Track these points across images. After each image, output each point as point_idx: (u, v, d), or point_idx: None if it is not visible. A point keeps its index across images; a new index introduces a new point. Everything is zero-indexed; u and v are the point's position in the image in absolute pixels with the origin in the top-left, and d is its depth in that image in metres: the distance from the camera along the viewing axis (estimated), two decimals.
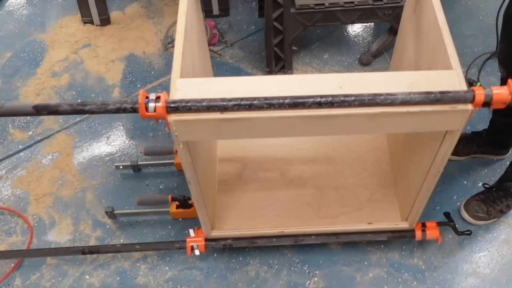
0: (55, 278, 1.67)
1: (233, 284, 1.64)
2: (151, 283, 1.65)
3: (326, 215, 1.61)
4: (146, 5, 2.46)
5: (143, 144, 1.98)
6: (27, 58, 2.28)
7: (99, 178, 1.90)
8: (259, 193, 1.67)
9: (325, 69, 2.21)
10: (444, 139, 1.15)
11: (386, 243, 1.70)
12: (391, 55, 1.90)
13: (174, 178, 1.89)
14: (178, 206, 1.66)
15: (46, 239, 1.76)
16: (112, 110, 1.08)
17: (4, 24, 2.43)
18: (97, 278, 1.67)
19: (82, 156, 1.96)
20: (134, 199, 1.76)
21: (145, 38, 2.32)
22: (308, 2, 1.92)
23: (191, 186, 1.28)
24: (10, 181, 1.91)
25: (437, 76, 1.09)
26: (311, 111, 1.04)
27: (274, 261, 1.69)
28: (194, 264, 1.69)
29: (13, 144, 2.01)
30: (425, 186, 1.33)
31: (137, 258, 1.71)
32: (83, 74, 2.21)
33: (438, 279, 1.64)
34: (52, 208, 1.83)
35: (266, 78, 1.20)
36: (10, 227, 1.80)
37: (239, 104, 1.03)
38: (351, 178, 1.70)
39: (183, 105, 1.03)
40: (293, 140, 1.77)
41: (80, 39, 2.33)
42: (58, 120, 2.07)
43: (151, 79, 2.19)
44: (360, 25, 2.37)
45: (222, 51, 2.27)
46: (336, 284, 1.63)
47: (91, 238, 1.76)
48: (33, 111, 1.08)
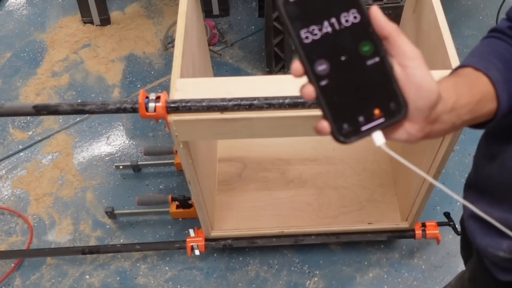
0: (55, 278, 1.67)
1: (233, 284, 1.64)
2: (151, 283, 1.65)
3: (326, 215, 1.61)
4: (146, 5, 2.45)
5: (143, 144, 1.98)
6: (27, 58, 2.28)
7: (99, 178, 1.90)
8: (259, 193, 1.67)
9: None
10: (444, 139, 1.15)
11: (386, 243, 1.70)
12: None
13: (174, 178, 1.89)
14: (178, 206, 1.66)
15: (46, 239, 1.76)
16: (112, 110, 1.08)
17: (4, 24, 2.43)
18: (97, 278, 1.67)
19: (82, 156, 1.96)
20: (134, 199, 1.76)
21: (145, 38, 2.32)
22: None
23: (191, 186, 1.28)
24: (10, 181, 1.91)
25: (437, 76, 1.08)
26: (311, 111, 1.04)
27: (274, 261, 1.69)
28: (194, 264, 1.69)
29: (13, 144, 2.01)
30: (425, 186, 1.33)
31: (137, 258, 1.71)
32: (83, 74, 2.21)
33: (438, 279, 1.63)
34: (52, 208, 1.83)
35: (266, 78, 1.20)
36: (10, 227, 1.80)
37: (239, 104, 1.03)
38: (351, 178, 1.69)
39: (183, 105, 1.03)
40: (293, 140, 1.77)
41: (80, 39, 2.33)
42: (58, 120, 2.07)
43: (151, 79, 2.19)
44: None
45: (222, 51, 2.27)
46: (336, 284, 1.63)
47: (91, 238, 1.76)
48: (33, 111, 1.08)
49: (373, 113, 0.50)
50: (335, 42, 0.49)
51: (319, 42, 0.48)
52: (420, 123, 0.52)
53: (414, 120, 0.52)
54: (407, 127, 0.52)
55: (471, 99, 0.58)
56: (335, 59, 0.49)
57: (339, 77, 0.49)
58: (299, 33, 0.48)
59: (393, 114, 0.50)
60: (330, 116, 0.49)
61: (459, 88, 0.58)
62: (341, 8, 0.49)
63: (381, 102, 0.50)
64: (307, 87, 0.49)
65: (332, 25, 0.48)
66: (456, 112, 0.56)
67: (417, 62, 0.50)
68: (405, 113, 0.50)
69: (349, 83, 0.49)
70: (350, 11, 0.49)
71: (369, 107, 0.50)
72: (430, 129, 0.54)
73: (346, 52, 0.49)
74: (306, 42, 0.48)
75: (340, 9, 0.49)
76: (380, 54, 0.49)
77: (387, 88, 0.49)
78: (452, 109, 0.55)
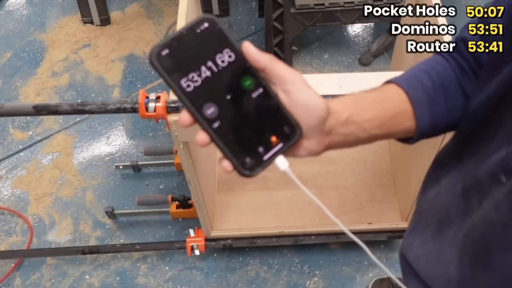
0: (55, 278, 1.67)
1: (233, 284, 1.64)
2: (151, 283, 1.65)
3: (326, 215, 1.61)
4: (146, 5, 2.46)
5: (143, 144, 1.98)
6: (27, 58, 2.28)
7: (99, 178, 1.90)
8: (259, 193, 1.67)
9: (325, 69, 2.21)
10: (444, 138, 1.15)
11: (386, 243, 1.70)
12: (391, 55, 1.90)
13: (174, 178, 1.89)
14: (178, 206, 1.66)
15: (46, 239, 1.76)
16: (112, 110, 1.08)
17: (4, 24, 2.43)
18: (97, 278, 1.67)
19: (82, 156, 1.96)
20: (134, 199, 1.76)
21: (145, 38, 2.32)
22: (308, 2, 1.92)
23: (191, 186, 1.28)
24: (10, 181, 1.91)
25: None
26: None
27: (274, 261, 1.69)
28: (194, 264, 1.69)
29: (13, 144, 2.01)
30: None
31: (137, 258, 1.71)
32: (83, 74, 2.21)
33: None
34: (52, 208, 1.83)
35: None
36: (10, 227, 1.80)
37: None
38: (351, 178, 1.70)
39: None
40: None
41: (80, 39, 2.33)
42: (58, 120, 2.07)
43: (151, 79, 2.19)
44: (360, 25, 2.37)
45: None
46: (336, 284, 1.63)
47: (91, 238, 1.76)
48: (33, 111, 1.08)
49: (271, 141, 0.51)
50: (217, 84, 0.50)
51: (201, 87, 0.49)
52: (316, 138, 0.54)
53: (310, 136, 0.54)
54: (306, 144, 0.54)
55: (379, 115, 0.59)
56: (221, 99, 0.50)
57: (229, 116, 0.50)
58: (179, 84, 0.49)
59: (289, 137, 0.52)
60: (230, 154, 0.50)
61: (365, 103, 0.59)
62: (215, 50, 0.50)
63: (275, 129, 0.51)
64: (200, 134, 0.50)
65: (210, 69, 0.50)
66: (356, 125, 0.57)
67: (297, 85, 0.52)
68: (300, 134, 0.52)
69: (240, 119, 0.50)
70: (224, 51, 0.50)
71: (265, 136, 0.51)
72: (328, 141, 0.56)
73: (230, 91, 0.50)
74: (189, 90, 0.49)
75: (214, 52, 0.50)
76: (262, 84, 0.51)
77: (277, 115, 0.51)
78: (348, 122, 0.57)
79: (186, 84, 0.49)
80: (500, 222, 0.51)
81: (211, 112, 0.49)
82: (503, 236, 0.51)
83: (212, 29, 0.50)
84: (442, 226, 0.64)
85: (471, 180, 0.58)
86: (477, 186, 0.56)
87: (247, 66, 0.51)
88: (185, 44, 0.49)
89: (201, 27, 0.50)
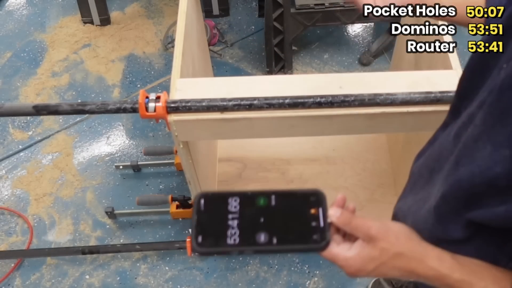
0: (55, 278, 1.67)
1: (233, 284, 1.64)
2: (151, 283, 1.65)
3: None
4: (146, 5, 2.46)
5: (143, 144, 1.98)
6: (27, 58, 2.28)
7: (99, 178, 1.90)
8: None
9: (325, 69, 2.21)
10: None
11: None
12: (391, 55, 1.90)
13: (174, 178, 1.89)
14: (178, 206, 1.66)
15: (46, 239, 1.76)
16: (112, 110, 1.08)
17: (4, 24, 2.43)
18: (97, 278, 1.67)
19: (82, 156, 1.96)
20: (134, 199, 1.76)
21: (145, 38, 2.32)
22: (308, 2, 1.92)
23: (191, 186, 1.28)
24: (10, 181, 1.91)
25: (437, 76, 1.09)
26: (311, 111, 1.04)
27: (274, 261, 1.69)
28: (194, 264, 1.69)
29: (13, 144, 2.01)
30: None
31: (137, 258, 1.71)
32: (83, 74, 2.21)
33: None
34: (52, 208, 1.83)
35: (266, 78, 1.20)
36: (10, 227, 1.80)
37: (239, 104, 1.03)
38: (351, 178, 1.69)
39: (183, 105, 1.03)
40: (293, 140, 1.77)
41: (80, 39, 2.33)
42: (58, 120, 2.07)
43: (151, 79, 2.19)
44: (360, 25, 2.37)
45: (222, 51, 2.27)
46: (336, 284, 1.63)
47: (91, 238, 1.76)
48: (33, 111, 1.08)
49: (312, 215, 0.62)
50: (246, 220, 0.57)
51: (242, 232, 0.56)
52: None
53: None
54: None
55: None
56: (254, 225, 0.57)
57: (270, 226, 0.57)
58: (226, 242, 0.54)
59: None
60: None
61: None
62: (225, 205, 0.57)
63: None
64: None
65: (233, 218, 0.56)
66: None
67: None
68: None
69: (279, 226, 0.58)
70: (229, 201, 0.57)
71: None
72: None
73: (254, 219, 0.57)
74: (234, 242, 0.55)
75: (226, 207, 0.57)
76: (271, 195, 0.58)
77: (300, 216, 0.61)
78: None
79: (232, 240, 0.54)
80: (472, 137, 0.54)
81: (259, 238, 0.55)
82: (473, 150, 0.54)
83: (210, 197, 0.57)
84: (433, 173, 0.66)
85: (464, 119, 0.59)
86: (468, 122, 0.57)
87: (249, 194, 0.57)
88: (204, 221, 0.56)
89: (201, 204, 0.57)
